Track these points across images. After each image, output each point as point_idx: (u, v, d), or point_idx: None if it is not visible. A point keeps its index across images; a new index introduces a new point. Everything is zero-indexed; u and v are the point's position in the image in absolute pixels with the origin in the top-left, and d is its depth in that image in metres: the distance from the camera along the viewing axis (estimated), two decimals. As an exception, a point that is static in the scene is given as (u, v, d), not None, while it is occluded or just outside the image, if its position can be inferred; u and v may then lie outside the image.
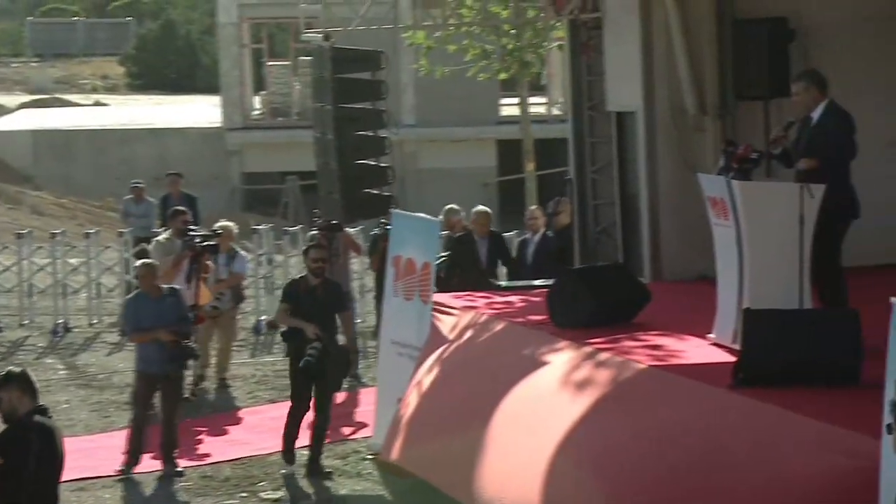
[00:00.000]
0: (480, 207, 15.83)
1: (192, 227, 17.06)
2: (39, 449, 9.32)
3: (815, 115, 12.10)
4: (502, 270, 17.88)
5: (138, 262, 16.01)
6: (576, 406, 11.59)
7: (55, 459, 9.61)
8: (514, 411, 12.32)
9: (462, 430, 12.69)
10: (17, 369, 9.68)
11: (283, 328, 15.09)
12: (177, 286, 15.34)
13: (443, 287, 15.81)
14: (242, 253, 19.04)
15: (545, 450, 11.35)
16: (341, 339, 15.73)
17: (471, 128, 40.50)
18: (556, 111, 39.53)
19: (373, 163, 16.13)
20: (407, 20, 16.88)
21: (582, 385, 11.88)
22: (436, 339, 14.33)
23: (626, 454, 10.68)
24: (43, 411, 9.54)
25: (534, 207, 19.68)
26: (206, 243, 16.35)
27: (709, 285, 14.93)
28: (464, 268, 16.47)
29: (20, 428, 9.35)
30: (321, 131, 16.10)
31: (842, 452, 9.62)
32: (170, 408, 15.05)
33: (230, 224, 19.03)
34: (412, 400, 13.84)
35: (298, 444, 14.96)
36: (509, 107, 43.34)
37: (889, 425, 7.73)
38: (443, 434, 13.09)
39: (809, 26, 15.68)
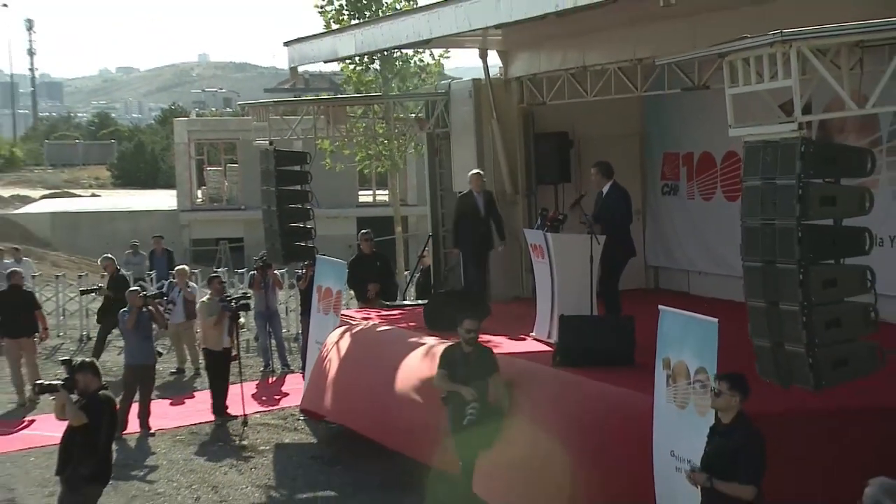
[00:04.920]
0: (475, 170, 14.07)
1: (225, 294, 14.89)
2: (109, 415, 8.52)
3: (604, 190, 11.92)
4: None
5: (130, 290, 14.58)
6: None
7: (115, 421, 8.83)
8: (400, 374, 11.80)
9: (367, 390, 12.15)
10: (88, 359, 8.88)
11: (443, 394, 10.59)
12: (150, 308, 13.97)
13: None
14: (192, 284, 18.09)
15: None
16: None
17: (338, 209, 39.85)
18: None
19: (301, 225, 15.56)
20: (321, 132, 16.35)
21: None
22: (342, 323, 13.87)
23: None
24: (104, 388, 8.77)
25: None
26: (240, 304, 14.45)
27: (522, 303, 14.66)
28: (468, 216, 14.33)
29: (93, 400, 8.57)
30: (267, 205, 15.51)
31: (624, 404, 9.36)
32: (146, 389, 13.98)
33: (185, 267, 18.14)
34: (329, 367, 13.12)
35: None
36: (363, 195, 43.25)
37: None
38: (353, 393, 12.52)
39: (581, 137, 15.54)
